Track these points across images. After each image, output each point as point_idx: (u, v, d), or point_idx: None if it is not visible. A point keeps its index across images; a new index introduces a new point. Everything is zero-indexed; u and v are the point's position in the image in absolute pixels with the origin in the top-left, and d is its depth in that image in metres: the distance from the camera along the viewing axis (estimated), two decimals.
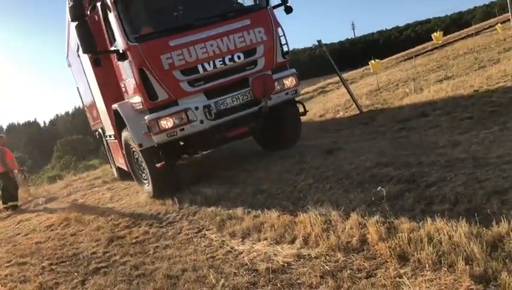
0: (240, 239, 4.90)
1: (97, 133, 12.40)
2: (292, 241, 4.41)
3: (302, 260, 3.98)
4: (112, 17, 6.71)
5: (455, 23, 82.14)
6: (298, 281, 3.62)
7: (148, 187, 7.72)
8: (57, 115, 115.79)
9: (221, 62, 6.68)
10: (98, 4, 6.92)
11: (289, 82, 7.25)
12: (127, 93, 7.40)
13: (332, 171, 5.95)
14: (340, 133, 9.05)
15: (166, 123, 6.56)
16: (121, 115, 7.32)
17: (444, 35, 21.31)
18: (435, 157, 5.35)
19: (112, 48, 7.04)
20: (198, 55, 6.56)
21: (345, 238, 4.05)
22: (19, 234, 7.77)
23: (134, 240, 5.84)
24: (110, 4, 6.56)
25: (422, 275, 3.18)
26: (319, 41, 10.78)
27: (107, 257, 5.44)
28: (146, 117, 6.69)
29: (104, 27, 7.19)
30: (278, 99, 7.16)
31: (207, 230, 5.53)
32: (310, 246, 4.19)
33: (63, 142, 70.09)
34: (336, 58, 11.03)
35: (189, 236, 5.49)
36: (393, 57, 26.18)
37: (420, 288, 3.02)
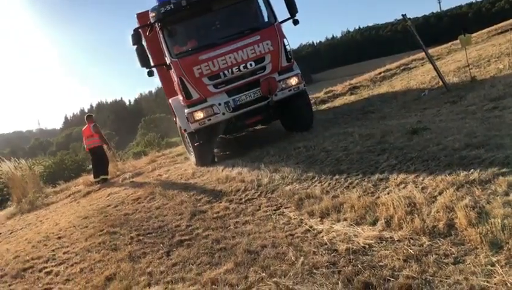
0: (319, 218, 4.88)
1: None
2: (373, 223, 4.31)
3: (384, 242, 3.89)
4: (161, 39, 9.20)
5: None
6: (380, 263, 3.55)
7: (193, 158, 10.34)
8: (140, 94, 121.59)
9: (237, 69, 8.92)
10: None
11: (292, 81, 9.22)
12: (177, 92, 9.84)
13: (417, 152, 5.69)
14: (425, 112, 8.60)
15: (199, 115, 8.98)
16: (172, 107, 10.35)
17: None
18: None
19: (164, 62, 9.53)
20: (220, 65, 8.85)
21: (431, 222, 3.88)
22: (109, 206, 8.34)
23: (215, 215, 6.03)
24: (159, 31, 9.13)
25: None
26: (403, 15, 10.23)
27: (190, 230, 5.68)
28: (185, 110, 9.23)
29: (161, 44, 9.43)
30: (282, 95, 9.16)
31: (285, 208, 5.56)
32: (393, 229, 4.07)
33: (147, 120, 73.70)
34: (420, 33, 10.42)
35: (267, 213, 5.56)
36: (485, 30, 24.25)
37: None
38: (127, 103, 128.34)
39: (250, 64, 8.92)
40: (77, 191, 12.03)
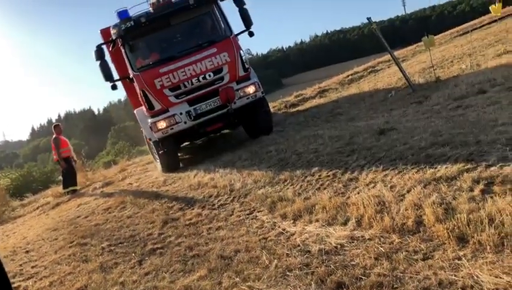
0: (292, 221, 4.91)
1: None
2: (345, 223, 4.36)
3: (355, 241, 3.94)
4: (123, 54, 9.66)
5: None
6: (352, 262, 3.59)
7: (159, 165, 10.63)
8: (110, 102, 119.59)
9: (196, 80, 9.32)
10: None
11: (250, 89, 9.65)
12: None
13: (384, 152, 5.80)
14: (392, 113, 8.78)
15: (161, 124, 9.36)
16: (137, 117, 10.64)
17: (503, 6, 20.04)
18: (495, 135, 5.07)
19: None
20: (180, 77, 9.25)
21: (400, 220, 3.96)
22: (79, 217, 8.17)
23: (188, 222, 5.99)
24: (120, 46, 9.65)
25: (482, 257, 3.06)
26: (368, 18, 10.42)
27: (162, 238, 5.62)
28: (148, 120, 9.64)
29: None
30: (241, 102, 9.56)
31: (258, 212, 5.57)
32: (364, 228, 4.13)
33: (117, 128, 72.68)
34: (386, 36, 10.65)
35: (241, 218, 5.56)
36: (447, 32, 24.95)
37: (481, 270, 2.91)
38: (96, 112, 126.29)
39: (209, 75, 9.37)
40: (46, 203, 11.73)
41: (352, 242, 3.94)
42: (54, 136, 12.18)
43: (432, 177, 4.48)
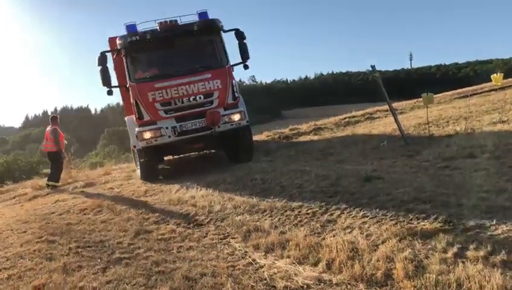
0: (263, 253, 4.86)
1: None
2: (315, 264, 4.33)
3: (322, 284, 3.90)
4: (124, 63, 10.26)
5: None
6: None
7: (138, 172, 11.15)
8: (108, 104, 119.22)
9: (187, 100, 9.89)
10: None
11: (235, 117, 10.19)
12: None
13: (367, 199, 5.81)
14: (381, 161, 8.82)
15: (147, 135, 9.86)
16: (126, 124, 11.38)
17: (505, 78, 20.42)
18: (477, 201, 5.11)
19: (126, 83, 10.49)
20: (172, 94, 9.81)
21: (370, 270, 3.93)
22: (53, 213, 8.03)
23: (160, 237, 5.91)
24: (123, 56, 10.20)
25: None
26: (372, 66, 10.60)
27: (131, 248, 5.52)
28: (136, 129, 10.15)
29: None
30: (224, 127, 10.06)
31: (232, 238, 5.52)
32: (333, 272, 4.10)
33: (110, 131, 72.30)
34: (388, 86, 10.81)
35: (213, 241, 5.50)
36: (448, 93, 25.33)
37: None
38: (93, 112, 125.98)
39: (200, 97, 9.95)
40: (23, 194, 11.51)
41: (319, 284, 3.89)
42: (52, 127, 12.01)
43: (409, 232, 4.48)
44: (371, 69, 10.87)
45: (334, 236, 4.81)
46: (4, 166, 28.84)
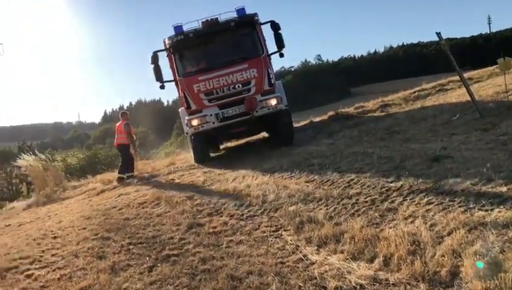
0: (315, 247, 4.51)
1: None
2: (371, 260, 3.90)
3: (377, 284, 3.48)
4: (172, 60, 11.47)
5: None
6: None
7: (191, 156, 12.48)
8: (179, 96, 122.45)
9: (227, 89, 10.92)
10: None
11: (272, 102, 10.87)
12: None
13: (433, 183, 5.21)
14: (452, 138, 8.01)
15: (195, 122, 10.95)
16: (180, 114, 12.74)
17: None
18: None
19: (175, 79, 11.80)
20: (214, 85, 10.92)
21: (433, 267, 3.45)
22: (114, 207, 8.14)
23: (211, 230, 5.73)
24: (171, 54, 11.39)
25: None
26: (438, 33, 9.63)
27: (181, 244, 5.39)
28: (186, 117, 11.34)
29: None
30: (262, 112, 10.80)
31: (284, 230, 5.21)
32: (390, 269, 3.65)
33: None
34: (466, 54, 9.81)
35: (265, 234, 5.23)
36: None
37: None
38: (165, 104, 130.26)
39: (238, 86, 10.92)
40: (93, 189, 11.94)
41: (374, 285, 3.47)
42: (125, 121, 12.36)
43: (480, 221, 3.89)
44: (446, 37, 9.89)
45: (393, 227, 4.33)
46: (86, 160, 30.57)
